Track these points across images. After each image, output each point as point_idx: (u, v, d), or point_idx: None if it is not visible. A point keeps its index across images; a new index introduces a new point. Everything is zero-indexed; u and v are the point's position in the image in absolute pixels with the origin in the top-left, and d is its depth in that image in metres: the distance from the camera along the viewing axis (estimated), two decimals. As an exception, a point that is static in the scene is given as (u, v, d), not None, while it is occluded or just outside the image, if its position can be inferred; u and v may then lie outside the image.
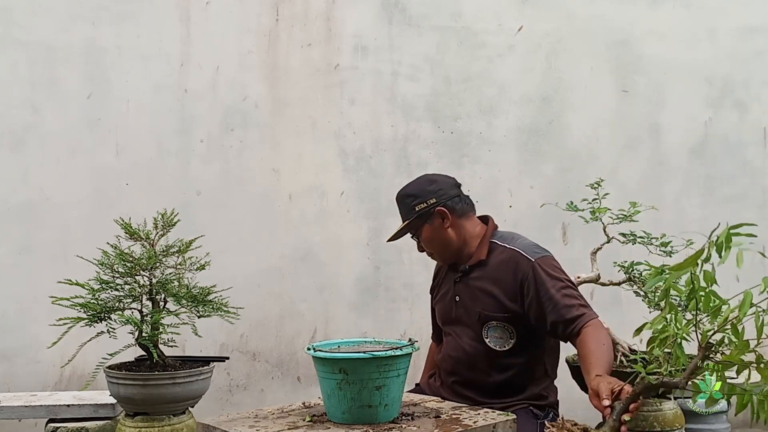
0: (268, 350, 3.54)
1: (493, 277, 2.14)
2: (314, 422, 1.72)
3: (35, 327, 3.23)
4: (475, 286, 2.17)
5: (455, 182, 2.28)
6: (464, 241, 2.21)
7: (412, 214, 2.19)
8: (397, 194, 2.28)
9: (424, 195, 2.20)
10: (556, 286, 2.04)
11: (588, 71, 3.75)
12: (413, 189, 2.24)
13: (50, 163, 3.42)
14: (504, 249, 2.17)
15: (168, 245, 1.94)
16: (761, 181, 3.76)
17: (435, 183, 2.24)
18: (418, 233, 2.22)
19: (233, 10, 3.59)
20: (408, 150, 3.66)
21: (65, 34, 3.45)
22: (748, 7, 3.85)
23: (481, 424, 1.69)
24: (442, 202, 2.18)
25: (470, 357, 2.17)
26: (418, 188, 2.23)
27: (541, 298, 2.04)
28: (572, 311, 1.99)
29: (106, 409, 2.53)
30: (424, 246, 2.25)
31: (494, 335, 2.14)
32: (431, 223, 2.19)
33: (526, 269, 2.09)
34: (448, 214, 2.18)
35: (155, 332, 1.83)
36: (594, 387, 1.66)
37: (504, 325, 2.12)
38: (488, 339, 2.14)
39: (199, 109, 3.55)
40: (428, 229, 2.20)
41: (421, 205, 2.18)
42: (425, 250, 2.27)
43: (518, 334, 2.12)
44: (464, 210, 2.23)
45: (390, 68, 3.66)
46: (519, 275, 2.09)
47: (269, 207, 3.57)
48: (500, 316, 2.12)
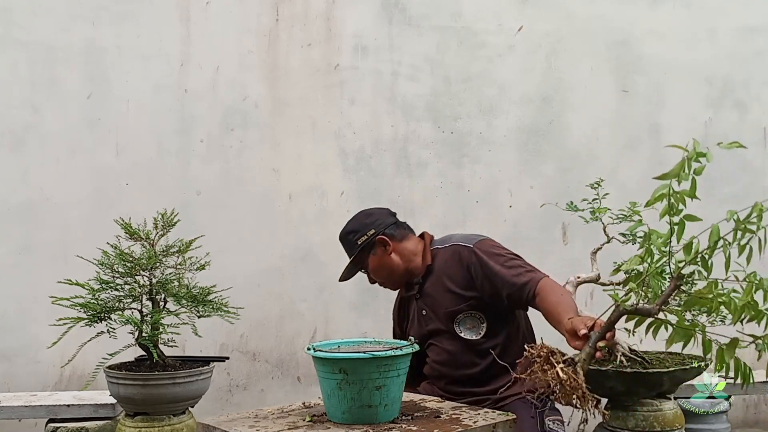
0: (268, 350, 3.54)
1: (444, 275, 2.27)
2: (314, 422, 1.72)
3: (35, 327, 3.23)
4: (432, 292, 2.30)
5: (390, 212, 2.43)
6: (409, 259, 2.33)
7: (356, 249, 2.32)
8: (339, 236, 2.40)
9: (363, 228, 2.34)
10: (500, 261, 2.18)
11: (588, 71, 3.75)
12: (352, 226, 2.37)
13: (50, 163, 3.42)
14: (444, 249, 2.32)
15: (168, 245, 1.94)
16: (761, 181, 3.76)
17: (371, 216, 2.39)
18: (366, 266, 2.35)
19: (233, 10, 3.59)
20: (408, 150, 3.66)
21: (65, 34, 3.45)
22: (748, 7, 3.85)
23: (481, 424, 1.69)
24: (380, 231, 2.32)
25: (453, 355, 2.26)
26: (357, 224, 2.37)
27: (489, 277, 2.17)
28: (521, 278, 2.12)
29: (106, 409, 2.53)
30: (373, 277, 2.38)
31: (466, 327, 2.25)
32: (375, 252, 2.32)
33: (468, 256, 2.22)
34: (388, 241, 2.32)
35: (155, 332, 1.83)
36: (569, 327, 1.72)
37: (471, 313, 2.24)
38: (462, 332, 2.25)
39: (199, 109, 3.55)
40: (373, 259, 2.33)
41: (362, 238, 2.32)
42: (376, 281, 2.39)
43: (487, 318, 2.23)
44: (403, 234, 2.36)
45: (390, 68, 3.66)
46: (465, 264, 2.23)
47: (269, 207, 3.57)
48: (464, 306, 2.23)
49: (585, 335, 1.61)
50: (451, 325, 2.25)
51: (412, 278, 2.34)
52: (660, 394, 1.86)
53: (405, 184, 3.64)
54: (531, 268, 2.17)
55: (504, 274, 2.14)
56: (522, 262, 2.20)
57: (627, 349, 1.94)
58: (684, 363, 1.88)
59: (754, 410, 3.75)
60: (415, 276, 2.33)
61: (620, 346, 1.92)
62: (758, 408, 3.76)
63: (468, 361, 2.25)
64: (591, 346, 1.55)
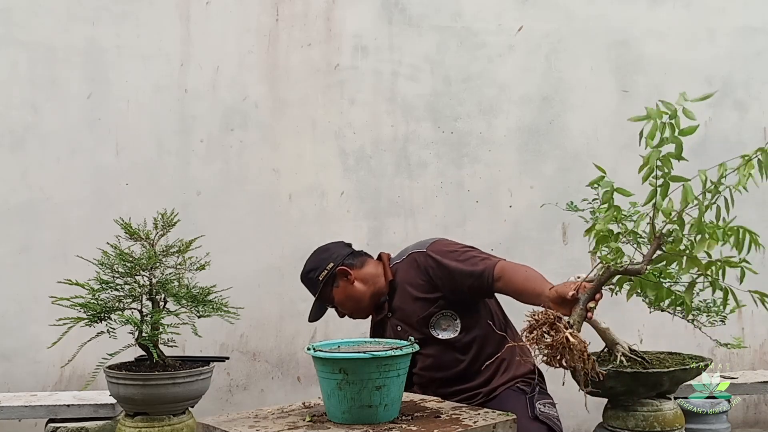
0: (268, 350, 3.53)
1: (407, 286, 2.29)
2: (314, 422, 1.72)
3: (35, 327, 3.23)
4: (401, 305, 2.31)
5: (345, 243, 2.48)
6: (373, 283, 2.35)
7: (319, 285, 2.36)
8: (300, 277, 2.43)
9: (322, 264, 2.37)
10: (454, 257, 2.21)
11: (588, 71, 3.75)
12: (311, 264, 2.40)
13: (50, 163, 3.42)
14: (402, 261, 2.34)
15: (168, 245, 1.94)
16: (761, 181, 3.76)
17: (327, 251, 2.42)
18: (332, 300, 2.38)
19: (233, 10, 3.59)
20: (408, 150, 3.66)
21: (65, 34, 3.45)
22: (748, 7, 3.85)
23: (481, 424, 1.69)
24: (339, 263, 2.35)
25: (436, 359, 2.27)
26: (315, 262, 2.40)
27: (448, 274, 2.20)
28: (478, 267, 2.15)
29: (106, 409, 2.53)
30: (342, 310, 2.40)
31: (441, 328, 2.26)
32: (337, 285, 2.35)
33: (425, 260, 2.26)
34: (349, 270, 2.34)
35: (155, 332, 1.83)
36: (554, 295, 1.75)
37: (443, 313, 2.25)
38: (439, 334, 2.26)
39: (199, 109, 3.55)
40: (338, 292, 2.36)
41: (323, 273, 2.35)
42: (346, 314, 2.40)
43: (460, 314, 2.25)
44: (361, 261, 2.39)
45: (390, 68, 3.66)
46: (422, 269, 2.26)
47: (269, 207, 3.56)
48: (434, 309, 2.25)
49: (574, 297, 1.64)
50: (427, 330, 2.26)
51: (379, 299, 2.35)
52: (660, 394, 1.86)
53: (405, 184, 3.64)
54: (486, 256, 2.20)
55: (461, 267, 2.17)
56: (476, 252, 2.24)
57: (627, 349, 1.94)
58: (684, 363, 1.88)
59: (754, 410, 3.75)
60: (381, 296, 2.34)
61: (620, 346, 1.92)
62: (758, 408, 3.76)
63: (452, 360, 2.26)
64: (582, 308, 1.60)
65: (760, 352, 3.75)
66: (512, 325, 2.38)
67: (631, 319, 3.16)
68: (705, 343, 2.41)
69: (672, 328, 2.42)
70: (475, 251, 2.24)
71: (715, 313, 1.83)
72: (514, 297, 2.10)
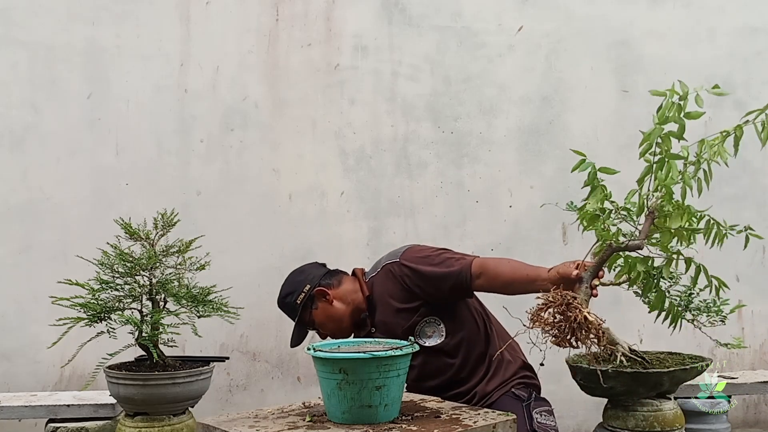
0: (268, 350, 3.53)
1: (387, 298, 2.26)
2: (314, 422, 1.72)
3: (35, 327, 3.23)
4: (383, 319, 2.28)
5: (319, 263, 2.45)
6: (351, 300, 2.31)
7: (298, 309, 2.32)
8: (277, 303, 2.40)
9: (298, 287, 2.33)
10: (428, 262, 2.19)
11: (588, 71, 3.75)
12: (287, 288, 2.37)
13: (50, 163, 3.42)
14: (377, 274, 2.31)
15: (168, 245, 1.94)
16: (761, 181, 3.76)
17: (303, 273, 2.38)
18: (312, 323, 2.34)
19: (233, 10, 3.59)
20: (408, 150, 3.66)
21: (65, 34, 3.45)
22: (748, 7, 3.85)
23: (481, 424, 1.69)
24: (315, 284, 2.32)
25: (425, 367, 2.24)
26: (291, 285, 2.36)
27: (425, 280, 2.17)
28: (454, 267, 2.12)
29: (106, 409, 2.53)
30: (323, 331, 2.35)
31: (427, 335, 2.24)
32: (316, 307, 2.31)
33: (399, 270, 2.23)
34: (327, 291, 2.31)
35: (155, 332, 1.83)
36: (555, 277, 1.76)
37: (425, 320, 2.23)
38: (426, 342, 2.23)
39: (199, 109, 3.55)
40: (317, 314, 2.32)
41: (300, 296, 2.31)
42: (325, 335, 2.35)
43: (443, 318, 2.23)
44: (338, 279, 2.36)
45: (390, 68, 3.66)
46: (398, 279, 2.23)
47: (269, 207, 3.56)
48: (416, 318, 2.22)
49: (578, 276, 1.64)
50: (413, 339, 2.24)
51: (359, 316, 2.31)
52: (660, 394, 1.85)
53: (405, 184, 3.64)
54: (460, 256, 2.18)
55: (436, 271, 2.15)
56: (450, 253, 2.21)
57: (627, 349, 1.94)
58: (684, 363, 1.88)
59: (754, 410, 3.75)
60: (361, 312, 2.31)
61: (620, 346, 1.92)
62: (758, 408, 3.76)
63: (442, 365, 2.24)
64: (587, 286, 1.62)
65: (760, 352, 3.75)
66: (495, 320, 2.37)
67: (631, 319, 3.16)
68: (705, 343, 2.40)
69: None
70: (449, 252, 2.22)
71: (715, 313, 1.82)
72: (500, 291, 2.07)
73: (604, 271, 1.65)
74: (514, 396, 2.21)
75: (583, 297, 1.59)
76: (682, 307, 1.63)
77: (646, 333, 3.48)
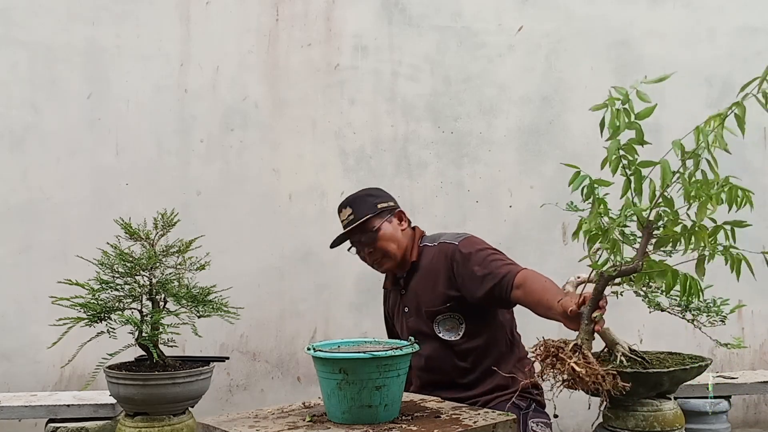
0: (268, 350, 3.54)
1: (428, 273, 2.25)
2: (314, 422, 1.72)
3: (35, 327, 3.23)
4: (416, 289, 2.28)
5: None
6: (406, 247, 2.31)
7: (375, 210, 2.27)
8: (349, 198, 2.33)
9: (385, 196, 2.33)
10: (482, 256, 2.16)
11: (588, 71, 3.75)
12: (372, 191, 2.36)
13: (50, 163, 3.42)
14: (431, 247, 2.29)
15: (168, 245, 1.94)
16: (761, 181, 3.76)
17: (387, 193, 2.38)
18: (373, 230, 2.25)
19: (233, 10, 3.59)
20: (408, 150, 3.66)
21: (65, 34, 3.45)
22: (748, 7, 3.85)
23: (481, 424, 1.69)
24: (398, 207, 2.33)
25: (431, 356, 2.24)
26: (376, 191, 2.36)
27: (471, 272, 2.14)
28: (501, 270, 2.09)
29: (106, 409, 2.53)
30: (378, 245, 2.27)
31: (445, 328, 2.23)
32: (391, 221, 2.29)
33: (452, 253, 2.20)
34: (405, 217, 2.33)
35: (155, 332, 1.83)
36: (560, 310, 1.71)
37: (450, 315, 2.22)
38: (441, 333, 2.23)
39: (199, 109, 3.55)
40: (388, 226, 2.28)
41: (383, 204, 2.29)
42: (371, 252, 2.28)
43: (467, 320, 2.22)
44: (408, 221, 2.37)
45: (390, 68, 3.66)
46: (448, 261, 2.21)
47: (269, 207, 3.57)
48: (443, 308, 2.22)
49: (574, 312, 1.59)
50: (431, 324, 2.24)
51: (401, 270, 2.31)
52: (660, 394, 1.85)
53: (405, 184, 3.64)
54: (510, 262, 2.15)
55: (485, 268, 2.12)
56: (503, 256, 2.18)
57: (627, 349, 1.94)
58: (684, 363, 1.88)
59: (754, 410, 3.75)
60: (402, 270, 2.31)
61: (620, 346, 1.92)
62: (758, 408, 3.76)
63: (448, 362, 2.23)
64: (586, 322, 1.54)
65: (760, 352, 3.75)
66: (521, 346, 2.32)
67: (631, 319, 3.16)
68: (705, 343, 2.41)
69: (672, 328, 2.42)
70: (502, 255, 2.19)
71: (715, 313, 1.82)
72: (530, 308, 2.01)
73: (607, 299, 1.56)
74: (513, 405, 2.14)
75: (582, 335, 1.50)
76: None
77: (646, 333, 3.48)
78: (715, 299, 1.99)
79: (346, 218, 2.29)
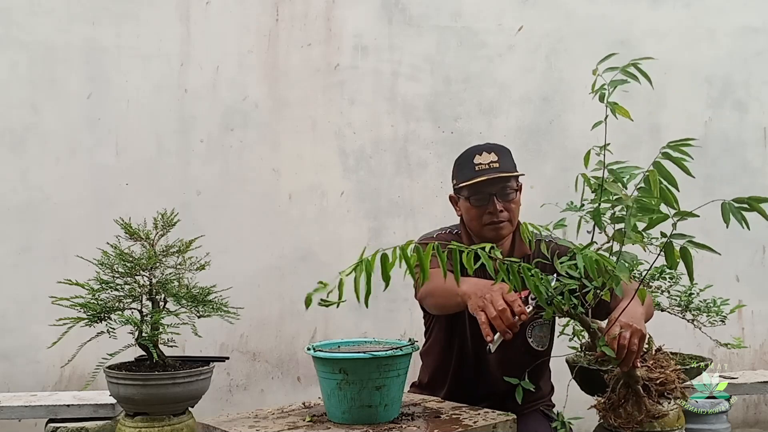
0: (268, 350, 3.53)
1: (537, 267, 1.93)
2: (314, 422, 1.72)
3: (35, 327, 3.23)
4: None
5: None
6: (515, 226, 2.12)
7: (516, 173, 2.10)
8: (491, 144, 2.15)
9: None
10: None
11: (588, 71, 3.73)
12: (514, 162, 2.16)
13: (50, 163, 3.42)
14: (548, 243, 2.00)
15: (168, 245, 1.94)
16: (761, 181, 3.76)
17: None
18: (518, 190, 2.12)
19: (233, 10, 3.59)
20: (408, 150, 3.66)
21: (65, 34, 3.45)
22: (748, 7, 3.85)
23: (481, 424, 1.69)
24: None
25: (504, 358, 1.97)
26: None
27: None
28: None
29: (106, 409, 2.53)
30: (513, 205, 2.10)
31: (538, 334, 2.05)
32: (520, 191, 2.13)
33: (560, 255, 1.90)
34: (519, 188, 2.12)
35: (155, 332, 1.83)
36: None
37: (548, 322, 2.04)
38: (531, 339, 2.04)
39: (199, 109, 3.55)
40: (518, 196, 2.12)
41: (519, 176, 2.13)
42: (504, 211, 2.08)
43: (552, 332, 2.10)
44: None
45: (390, 68, 3.66)
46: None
47: (269, 207, 3.56)
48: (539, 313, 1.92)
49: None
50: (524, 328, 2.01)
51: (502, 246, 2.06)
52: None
53: (405, 184, 3.64)
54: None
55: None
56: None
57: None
58: (684, 363, 1.88)
59: (754, 410, 3.75)
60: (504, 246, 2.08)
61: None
62: (758, 408, 3.76)
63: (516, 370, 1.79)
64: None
65: (760, 352, 3.75)
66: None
67: (631, 319, 3.16)
68: (705, 343, 2.40)
69: (672, 328, 2.42)
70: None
71: (715, 313, 1.83)
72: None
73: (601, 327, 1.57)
74: (543, 414, 2.12)
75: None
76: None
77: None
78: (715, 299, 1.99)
79: (489, 163, 2.07)
